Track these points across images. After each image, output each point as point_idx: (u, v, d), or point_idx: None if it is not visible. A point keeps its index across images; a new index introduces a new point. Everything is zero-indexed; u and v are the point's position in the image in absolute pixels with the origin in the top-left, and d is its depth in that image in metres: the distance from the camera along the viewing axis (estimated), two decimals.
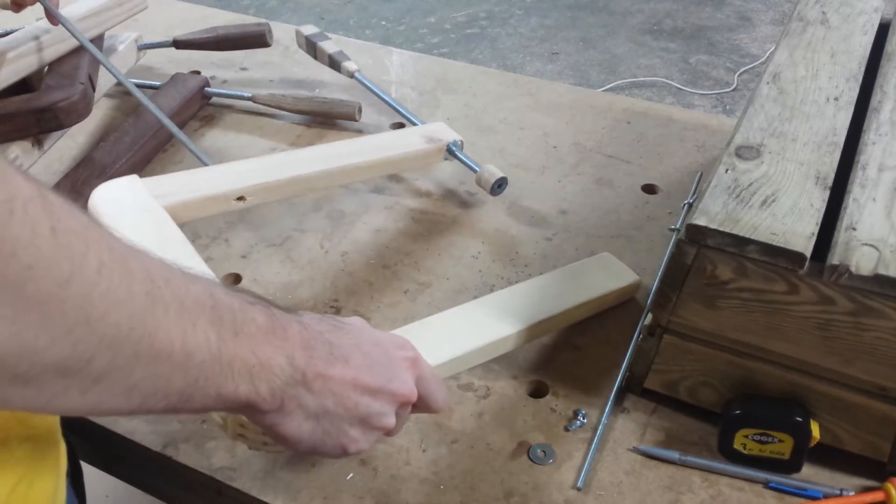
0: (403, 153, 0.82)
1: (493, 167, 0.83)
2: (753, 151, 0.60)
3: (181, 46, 1.06)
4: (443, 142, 0.84)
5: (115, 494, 1.30)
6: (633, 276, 0.72)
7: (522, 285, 0.69)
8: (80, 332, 0.32)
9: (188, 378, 0.37)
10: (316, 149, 0.80)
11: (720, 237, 0.53)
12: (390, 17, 3.28)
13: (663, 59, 2.93)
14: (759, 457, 0.58)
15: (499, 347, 0.63)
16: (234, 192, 0.71)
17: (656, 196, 0.87)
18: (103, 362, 0.33)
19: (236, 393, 0.40)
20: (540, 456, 0.60)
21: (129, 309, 0.33)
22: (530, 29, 3.17)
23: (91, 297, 0.31)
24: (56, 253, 0.30)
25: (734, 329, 0.57)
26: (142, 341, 0.34)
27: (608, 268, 0.72)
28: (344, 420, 0.45)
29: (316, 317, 0.47)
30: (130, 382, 0.35)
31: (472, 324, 0.63)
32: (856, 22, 0.77)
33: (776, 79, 0.69)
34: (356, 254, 0.79)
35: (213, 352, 0.38)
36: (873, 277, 0.50)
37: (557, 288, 0.69)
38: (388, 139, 0.84)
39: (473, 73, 1.10)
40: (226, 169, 0.73)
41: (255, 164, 0.75)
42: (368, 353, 0.46)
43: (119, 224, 0.62)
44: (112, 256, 0.33)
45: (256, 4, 3.34)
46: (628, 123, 0.99)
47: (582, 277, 0.71)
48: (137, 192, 0.66)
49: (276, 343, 0.41)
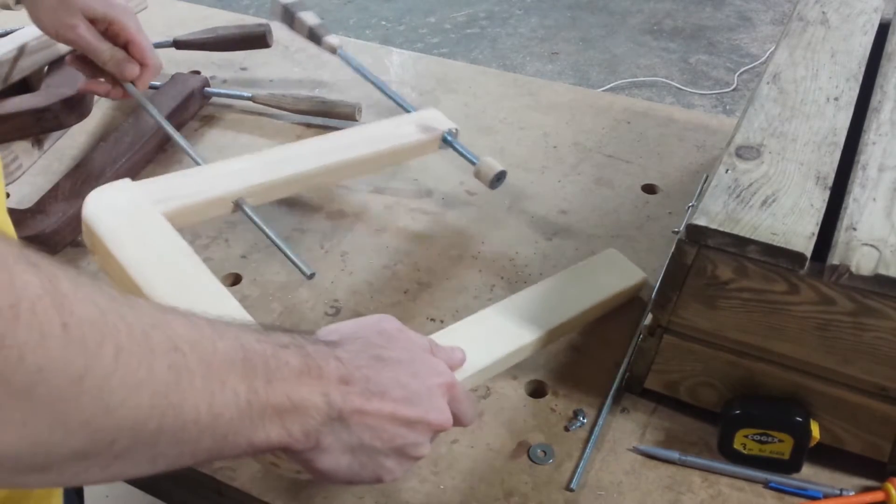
0: (400, 144, 0.80)
1: (491, 159, 0.80)
2: (753, 151, 0.60)
3: (181, 46, 1.06)
4: (438, 131, 0.82)
5: (115, 494, 1.30)
6: (640, 274, 0.72)
7: (534, 289, 0.68)
8: (99, 422, 0.31)
9: (216, 437, 0.37)
10: (310, 142, 0.78)
11: (720, 237, 0.53)
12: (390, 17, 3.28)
13: (663, 59, 2.93)
14: (759, 457, 0.58)
15: (518, 356, 0.63)
16: (231, 195, 0.69)
17: (656, 196, 0.87)
18: (125, 443, 0.32)
19: (268, 440, 0.39)
20: (540, 456, 0.60)
21: (151, 388, 0.32)
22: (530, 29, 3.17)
23: (108, 386, 0.31)
24: (68, 350, 0.29)
25: (734, 329, 0.57)
26: (166, 416, 0.33)
27: (616, 265, 0.72)
28: (381, 453, 0.45)
29: (355, 348, 0.46)
30: (155, 453, 0.35)
31: (492, 333, 0.62)
32: (856, 22, 0.77)
33: (776, 79, 0.69)
34: (356, 254, 0.79)
35: (242, 407, 0.37)
36: (873, 277, 0.50)
37: (570, 290, 0.68)
38: (382, 130, 0.81)
39: (473, 73, 1.10)
40: (221, 169, 0.72)
41: (251, 162, 0.73)
42: (406, 386, 0.46)
43: (119, 236, 0.60)
44: (131, 337, 0.32)
45: (256, 4, 3.34)
46: (628, 123, 0.99)
47: (592, 277, 0.70)
48: (133, 197, 0.64)
49: (310, 383, 0.41)
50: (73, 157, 0.92)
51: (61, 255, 0.79)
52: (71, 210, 0.80)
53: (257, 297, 0.74)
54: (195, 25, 1.09)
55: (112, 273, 0.61)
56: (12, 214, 0.79)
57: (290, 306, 0.73)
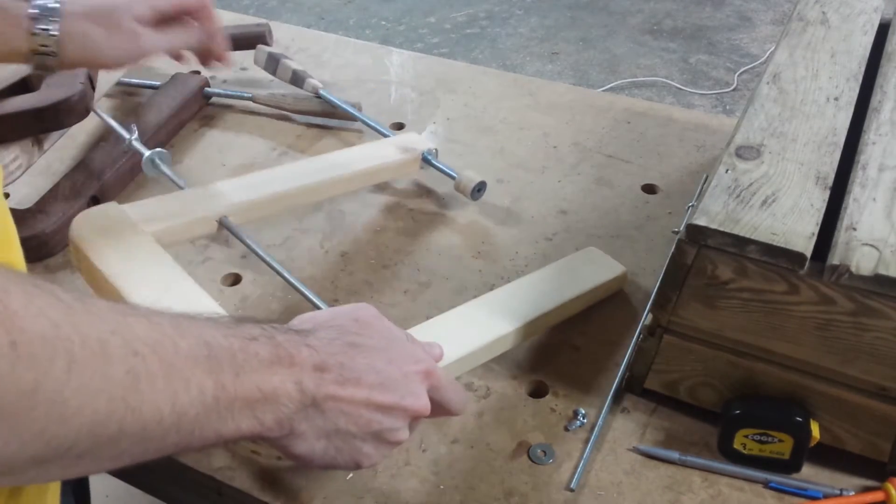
0: (380, 164, 0.83)
1: (470, 172, 0.83)
2: (753, 151, 0.60)
3: None
4: (417, 151, 0.85)
5: (116, 494, 1.29)
6: (619, 268, 0.72)
7: (514, 284, 0.69)
8: (54, 431, 0.32)
9: (182, 433, 0.37)
10: (294, 165, 0.82)
11: (720, 237, 0.53)
12: (390, 17, 3.28)
13: (663, 59, 2.93)
14: (759, 457, 0.58)
15: (497, 347, 0.63)
16: (215, 215, 0.71)
17: (656, 196, 0.87)
18: (85, 446, 0.33)
19: (239, 430, 0.40)
20: (540, 456, 0.60)
21: (107, 395, 0.33)
22: (530, 29, 3.17)
23: (61, 398, 0.31)
24: (17, 367, 0.30)
25: (734, 329, 0.57)
26: (125, 419, 0.34)
27: (595, 261, 0.73)
28: (357, 437, 0.46)
29: (329, 335, 0.46)
30: (118, 451, 0.35)
31: (470, 325, 0.63)
32: (856, 22, 0.77)
33: (776, 79, 0.69)
34: (356, 254, 0.79)
35: (208, 403, 0.38)
36: (873, 277, 0.50)
37: (549, 284, 0.69)
38: (364, 152, 0.85)
39: (473, 73, 1.10)
40: (205, 191, 0.74)
41: (233, 183, 0.76)
42: (381, 371, 0.46)
43: (106, 254, 0.62)
44: (86, 347, 0.32)
45: (256, 4, 3.34)
46: (628, 123, 0.99)
47: (571, 272, 0.71)
48: (119, 218, 0.67)
49: (282, 372, 0.42)
50: (73, 157, 0.92)
51: (61, 255, 0.79)
52: (71, 210, 0.80)
53: (257, 297, 0.74)
54: None
55: (99, 290, 0.62)
56: (12, 214, 0.79)
57: (290, 306, 0.73)
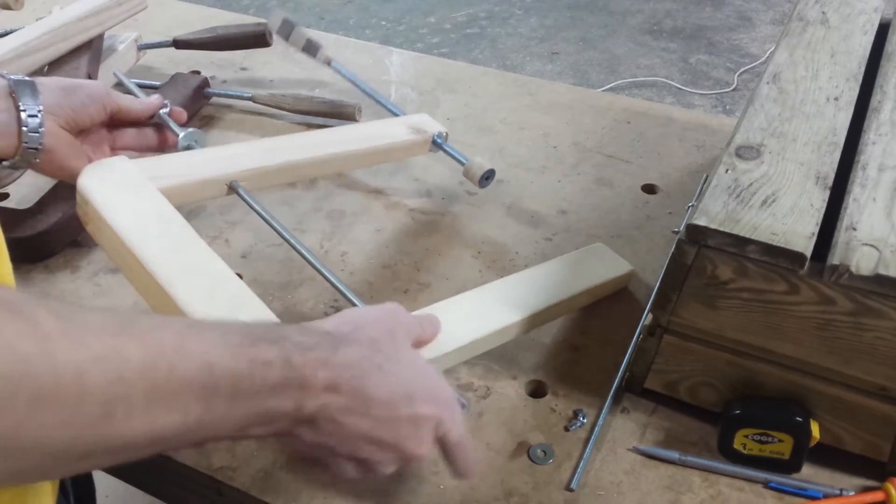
0: (390, 143, 0.82)
1: (480, 159, 0.82)
2: (753, 151, 0.60)
3: (181, 46, 1.06)
4: (428, 133, 0.84)
5: (116, 494, 1.30)
6: (626, 266, 0.72)
7: (520, 274, 0.69)
8: (15, 459, 0.32)
9: (156, 449, 0.37)
10: (306, 135, 0.80)
11: (720, 237, 0.53)
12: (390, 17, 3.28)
13: (663, 59, 2.93)
14: (759, 457, 0.58)
15: (500, 337, 0.63)
16: (225, 177, 0.70)
17: (656, 196, 0.87)
18: (47, 468, 0.34)
19: (219, 442, 0.40)
20: (540, 456, 0.60)
21: (75, 429, 0.33)
22: (530, 29, 3.17)
23: (19, 434, 0.31)
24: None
25: (734, 329, 0.57)
26: (93, 446, 0.34)
27: (602, 258, 0.73)
28: (341, 456, 0.45)
29: (358, 353, 0.44)
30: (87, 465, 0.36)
31: (474, 313, 0.63)
32: (856, 22, 0.77)
33: (776, 79, 0.69)
34: (356, 254, 0.79)
35: (190, 425, 0.37)
36: (873, 277, 0.50)
37: (556, 277, 0.69)
38: (374, 129, 0.83)
39: (473, 73, 1.10)
40: (216, 152, 0.73)
41: (246, 147, 0.74)
42: (394, 407, 0.45)
43: (114, 205, 0.61)
44: (57, 382, 0.32)
45: (256, 4, 3.34)
46: (628, 123, 0.99)
47: (578, 267, 0.71)
48: (128, 172, 0.65)
49: (284, 394, 0.40)
50: None
51: (61, 256, 0.79)
52: (71, 210, 0.80)
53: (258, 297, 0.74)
54: (195, 25, 1.08)
55: (104, 242, 0.61)
56: (12, 214, 0.79)
57: (290, 306, 0.73)
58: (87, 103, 0.70)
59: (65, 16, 0.94)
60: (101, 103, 0.72)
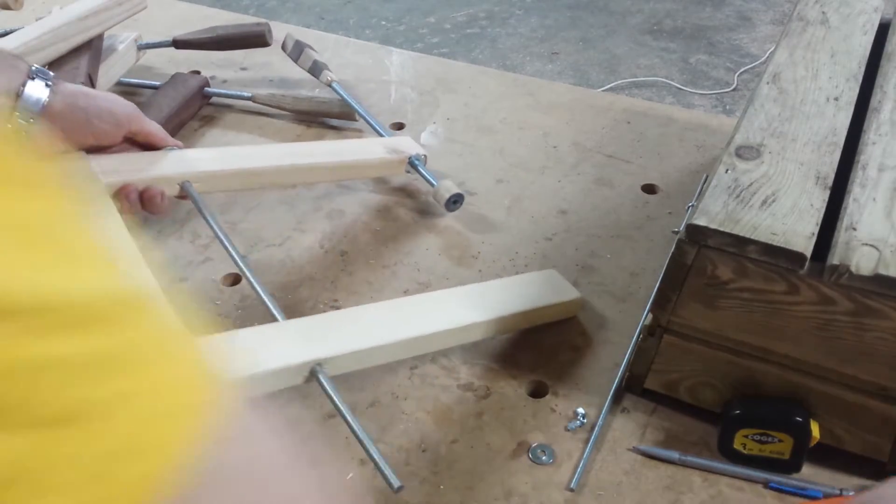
0: (362, 159, 0.82)
1: (449, 182, 0.82)
2: (753, 151, 0.60)
3: (181, 46, 1.06)
4: (405, 154, 0.85)
5: None
6: (574, 293, 0.71)
7: (467, 288, 0.70)
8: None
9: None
10: (274, 147, 0.81)
11: (720, 237, 0.53)
12: (390, 17, 3.28)
13: (663, 59, 2.93)
14: (759, 457, 0.58)
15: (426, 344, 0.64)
16: (179, 177, 0.70)
17: (656, 196, 0.87)
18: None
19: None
20: (540, 456, 0.60)
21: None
22: (530, 29, 3.17)
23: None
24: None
25: (734, 329, 0.57)
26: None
27: (551, 283, 0.72)
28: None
29: None
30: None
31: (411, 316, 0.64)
32: (856, 22, 0.77)
33: (776, 79, 0.69)
34: (356, 254, 0.79)
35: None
36: (873, 277, 0.50)
37: (496, 295, 0.68)
38: (353, 146, 0.85)
39: (473, 73, 1.10)
40: (175, 154, 0.73)
41: (207, 152, 0.75)
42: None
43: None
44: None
45: (256, 4, 3.34)
46: (628, 123, 0.99)
47: (523, 288, 0.70)
48: (81, 167, 0.66)
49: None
50: None
51: None
52: None
53: (257, 297, 0.74)
54: (195, 25, 1.08)
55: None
56: None
57: (290, 306, 0.73)
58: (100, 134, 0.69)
59: (65, 16, 0.94)
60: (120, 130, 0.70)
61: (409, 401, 0.65)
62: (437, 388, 0.66)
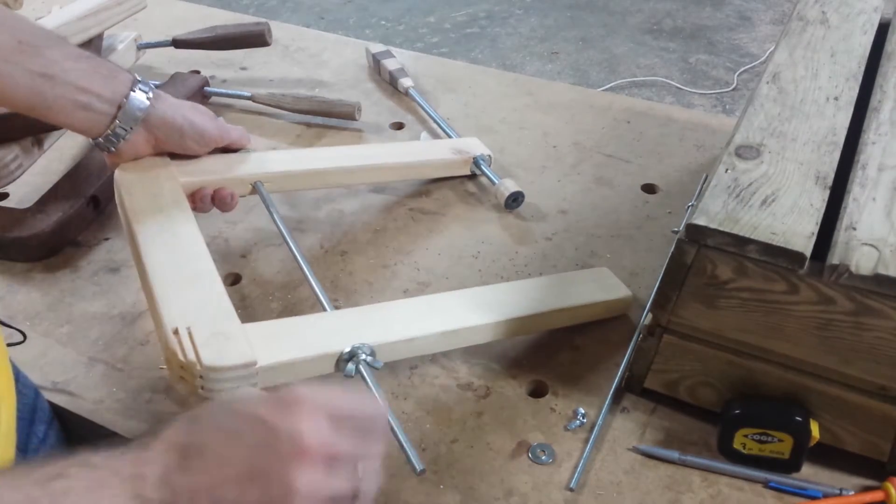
0: (428, 159, 0.85)
1: (510, 182, 0.84)
2: (753, 151, 0.60)
3: (181, 46, 1.06)
4: (470, 154, 0.87)
5: None
6: (625, 291, 0.71)
7: (510, 284, 0.70)
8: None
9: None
10: (346, 148, 0.86)
11: (720, 237, 0.53)
12: (390, 16, 3.28)
13: (663, 58, 2.93)
14: (759, 456, 0.58)
15: (467, 337, 0.63)
16: (252, 177, 0.74)
17: (656, 196, 0.87)
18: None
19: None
20: (540, 455, 0.60)
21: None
22: (530, 28, 3.17)
23: None
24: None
25: (734, 329, 0.57)
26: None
27: (601, 280, 0.72)
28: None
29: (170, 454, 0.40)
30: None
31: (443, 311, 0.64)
32: (856, 21, 0.77)
33: (776, 78, 0.69)
34: (356, 254, 0.79)
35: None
36: (873, 277, 0.50)
37: (544, 291, 0.68)
38: (420, 147, 0.88)
39: (473, 73, 1.10)
40: (249, 156, 0.77)
41: (277, 154, 0.80)
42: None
43: (139, 207, 0.66)
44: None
45: (256, 4, 3.34)
46: (628, 123, 0.99)
47: (571, 285, 0.70)
48: (163, 173, 0.70)
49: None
50: (73, 157, 0.92)
51: (61, 255, 0.79)
52: (71, 210, 0.80)
53: (257, 297, 0.74)
54: (195, 25, 1.09)
55: (127, 232, 0.67)
56: (12, 214, 0.79)
57: (290, 306, 0.73)
58: (189, 150, 0.73)
59: (64, 15, 0.94)
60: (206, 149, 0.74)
61: (409, 400, 0.65)
62: (436, 387, 0.66)
